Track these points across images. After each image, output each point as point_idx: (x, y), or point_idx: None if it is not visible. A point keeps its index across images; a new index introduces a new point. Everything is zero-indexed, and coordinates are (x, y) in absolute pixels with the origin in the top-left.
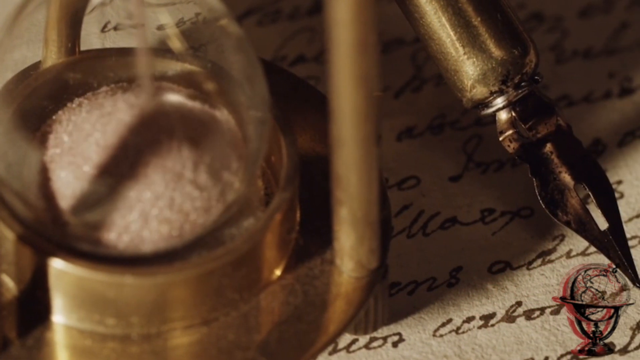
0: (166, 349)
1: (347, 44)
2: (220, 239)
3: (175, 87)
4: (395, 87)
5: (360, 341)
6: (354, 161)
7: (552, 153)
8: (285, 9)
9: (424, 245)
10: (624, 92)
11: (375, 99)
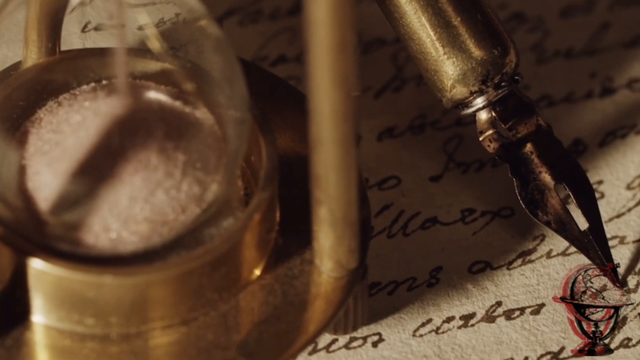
0: (145, 349)
1: (325, 44)
2: (200, 239)
3: (156, 86)
4: (376, 87)
5: (340, 341)
6: (333, 161)
7: (532, 153)
8: (266, 10)
9: (404, 245)
10: (605, 92)
11: (354, 99)
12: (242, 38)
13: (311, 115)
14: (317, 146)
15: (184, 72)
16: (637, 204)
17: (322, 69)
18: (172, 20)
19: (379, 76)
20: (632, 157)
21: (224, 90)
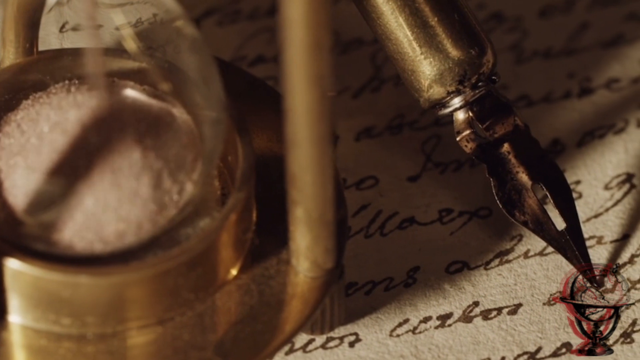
0: (122, 349)
1: (300, 44)
2: (176, 238)
3: (133, 85)
4: (355, 87)
5: (317, 341)
6: (309, 161)
7: (509, 153)
8: (245, 10)
9: (382, 245)
10: (584, 92)
11: (329, 99)
12: (220, 38)
13: (287, 115)
14: (293, 146)
15: (160, 72)
16: (614, 204)
17: (298, 68)
18: (149, 20)
19: (358, 76)
20: (610, 157)
21: (200, 91)
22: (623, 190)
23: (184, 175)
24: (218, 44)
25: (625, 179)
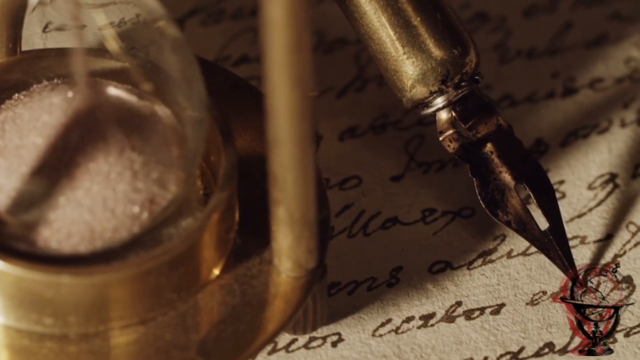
0: (104, 349)
1: (282, 44)
2: (159, 238)
3: (116, 85)
4: (338, 87)
5: (299, 341)
6: (290, 161)
7: (492, 153)
8: (228, 10)
9: (365, 245)
10: (567, 92)
11: (311, 99)
12: (204, 38)
13: (268, 115)
14: (275, 146)
15: (143, 72)
16: (598, 204)
17: (279, 69)
18: (132, 20)
19: (341, 76)
20: (594, 157)
21: (182, 91)
22: (606, 190)
23: (167, 175)
24: (202, 43)
25: (608, 178)
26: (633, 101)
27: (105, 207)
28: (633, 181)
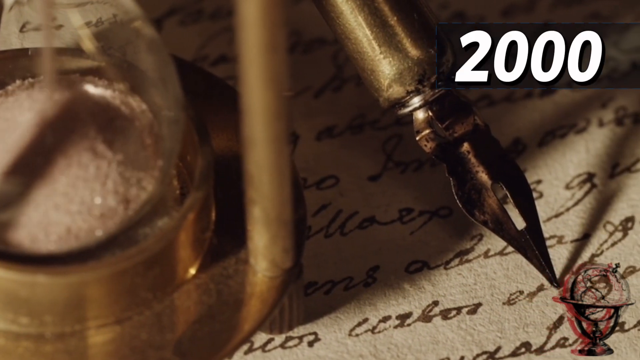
0: (80, 348)
1: (256, 44)
2: (134, 238)
3: (92, 82)
4: (316, 86)
5: (276, 340)
6: (266, 160)
7: (469, 152)
8: (207, 10)
9: (342, 245)
10: (545, 92)
11: (286, 99)
12: (183, 38)
13: (244, 115)
14: (250, 145)
15: (119, 71)
16: (575, 204)
17: (254, 68)
18: (109, 20)
19: (319, 76)
20: (571, 156)
21: (158, 90)
22: (584, 190)
23: (143, 174)
24: (180, 43)
25: (586, 178)
26: (611, 101)
27: (81, 207)
28: (610, 181)
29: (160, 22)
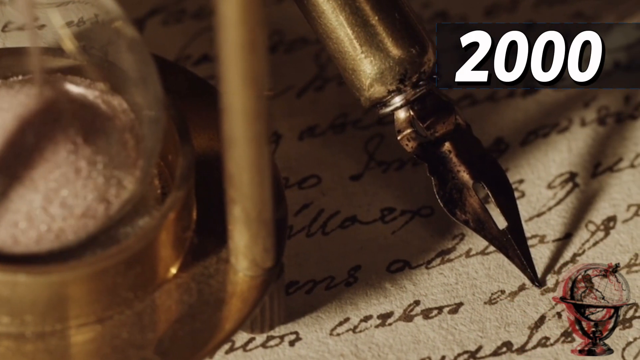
0: (61, 347)
1: (236, 43)
2: (115, 237)
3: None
4: (298, 86)
5: (257, 340)
6: (246, 160)
7: (450, 152)
8: (189, 9)
9: (323, 244)
10: (528, 91)
11: (266, 98)
12: (165, 37)
13: (224, 114)
14: (230, 145)
15: (100, 71)
16: (557, 203)
17: (233, 68)
18: (91, 20)
19: (301, 75)
20: (554, 156)
21: (139, 90)
22: (566, 189)
23: (123, 174)
24: (163, 43)
25: (568, 178)
26: (593, 100)
27: (62, 206)
28: (593, 180)
29: (143, 22)
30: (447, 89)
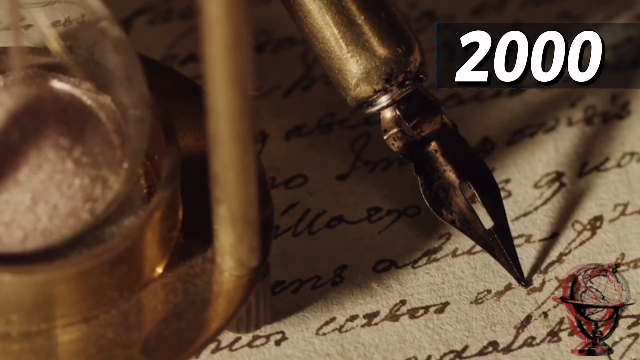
0: (46, 347)
1: (220, 42)
2: (101, 237)
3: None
4: (286, 86)
5: (243, 339)
6: (231, 159)
7: (436, 151)
8: (177, 9)
9: (310, 244)
10: (514, 91)
11: (251, 98)
12: (152, 37)
13: (209, 114)
14: (215, 144)
15: (85, 71)
16: (543, 203)
17: (218, 67)
18: (78, 20)
19: (289, 75)
20: (540, 155)
21: (125, 90)
22: (552, 189)
23: (109, 173)
24: (150, 42)
25: (554, 177)
26: (580, 100)
27: (47, 205)
28: (579, 180)
29: (130, 21)
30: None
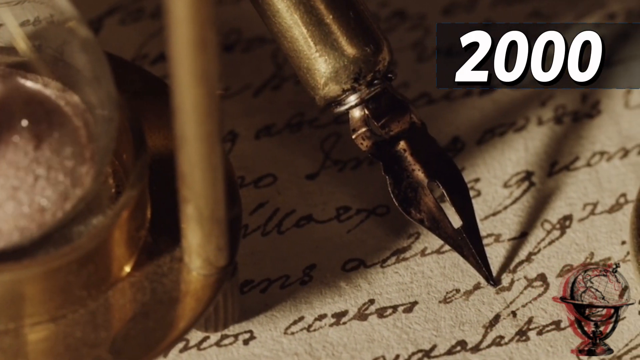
0: (14, 346)
1: (186, 41)
2: (69, 236)
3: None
4: (256, 85)
5: (211, 338)
6: (198, 159)
7: (405, 151)
8: (147, 8)
9: (279, 243)
10: (485, 90)
11: (217, 96)
12: (123, 36)
13: (175, 113)
14: (182, 143)
15: (53, 70)
16: (513, 202)
17: (184, 66)
18: (47, 19)
19: (259, 74)
20: (510, 155)
21: (93, 89)
22: (522, 188)
23: (77, 172)
24: (120, 42)
25: (524, 177)
26: (550, 99)
27: (15, 204)
28: (549, 179)
29: (101, 21)
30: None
